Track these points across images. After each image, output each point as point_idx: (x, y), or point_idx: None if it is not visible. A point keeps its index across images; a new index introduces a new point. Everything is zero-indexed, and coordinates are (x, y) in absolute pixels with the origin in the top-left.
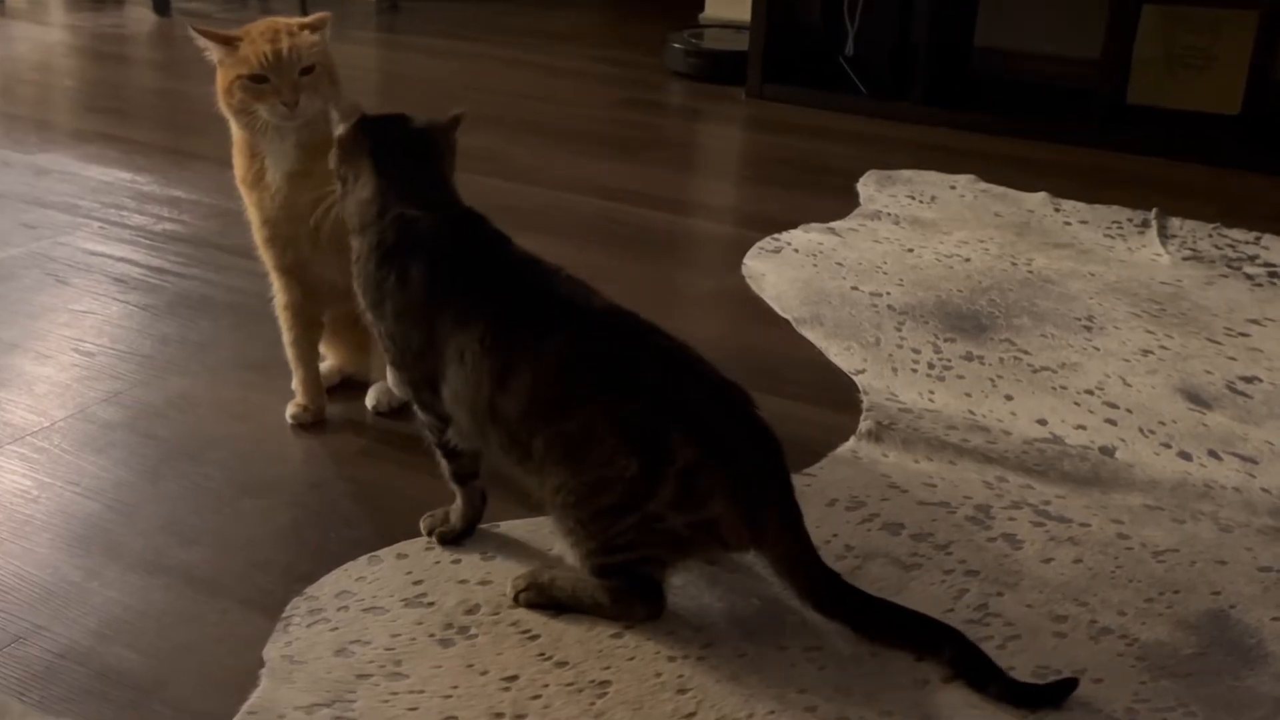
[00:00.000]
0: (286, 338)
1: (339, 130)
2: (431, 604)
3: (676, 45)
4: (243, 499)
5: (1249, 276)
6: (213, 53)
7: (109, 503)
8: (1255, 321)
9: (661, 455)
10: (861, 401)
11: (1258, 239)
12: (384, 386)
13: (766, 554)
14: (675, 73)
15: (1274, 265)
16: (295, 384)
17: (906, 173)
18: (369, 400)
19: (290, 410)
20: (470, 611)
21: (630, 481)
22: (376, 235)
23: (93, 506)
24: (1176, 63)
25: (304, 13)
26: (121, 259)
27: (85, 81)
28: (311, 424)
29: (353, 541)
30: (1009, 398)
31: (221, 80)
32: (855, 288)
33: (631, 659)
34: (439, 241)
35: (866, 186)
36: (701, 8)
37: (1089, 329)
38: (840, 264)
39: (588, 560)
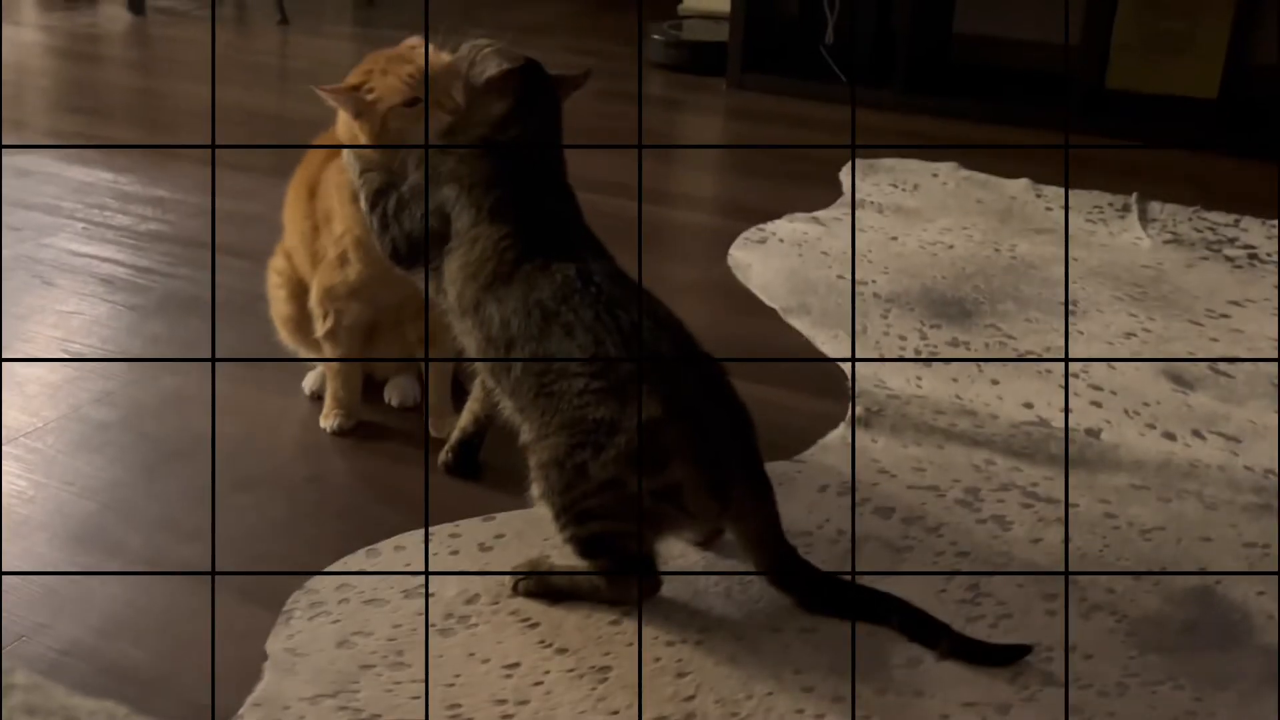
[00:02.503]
0: (341, 353)
1: (502, 65)
2: (432, 594)
3: (656, 36)
4: (238, 494)
5: (1229, 259)
6: (345, 106)
7: (106, 501)
8: (1236, 303)
9: (626, 405)
10: (849, 389)
11: (1237, 221)
12: (401, 382)
13: (734, 527)
14: (655, 64)
15: (1253, 247)
16: (340, 397)
17: (889, 161)
18: (391, 397)
19: (336, 421)
20: (470, 601)
21: (595, 424)
22: (484, 129)
23: (90, 506)
24: (1154, 47)
25: (281, 12)
26: (107, 259)
27: (62, 81)
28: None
29: (350, 534)
30: (995, 382)
31: (373, 124)
32: (841, 276)
33: (630, 644)
34: (523, 158)
35: (849, 175)
36: None
37: (1073, 313)
38: (825, 253)
39: (564, 533)
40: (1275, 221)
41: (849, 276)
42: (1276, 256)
